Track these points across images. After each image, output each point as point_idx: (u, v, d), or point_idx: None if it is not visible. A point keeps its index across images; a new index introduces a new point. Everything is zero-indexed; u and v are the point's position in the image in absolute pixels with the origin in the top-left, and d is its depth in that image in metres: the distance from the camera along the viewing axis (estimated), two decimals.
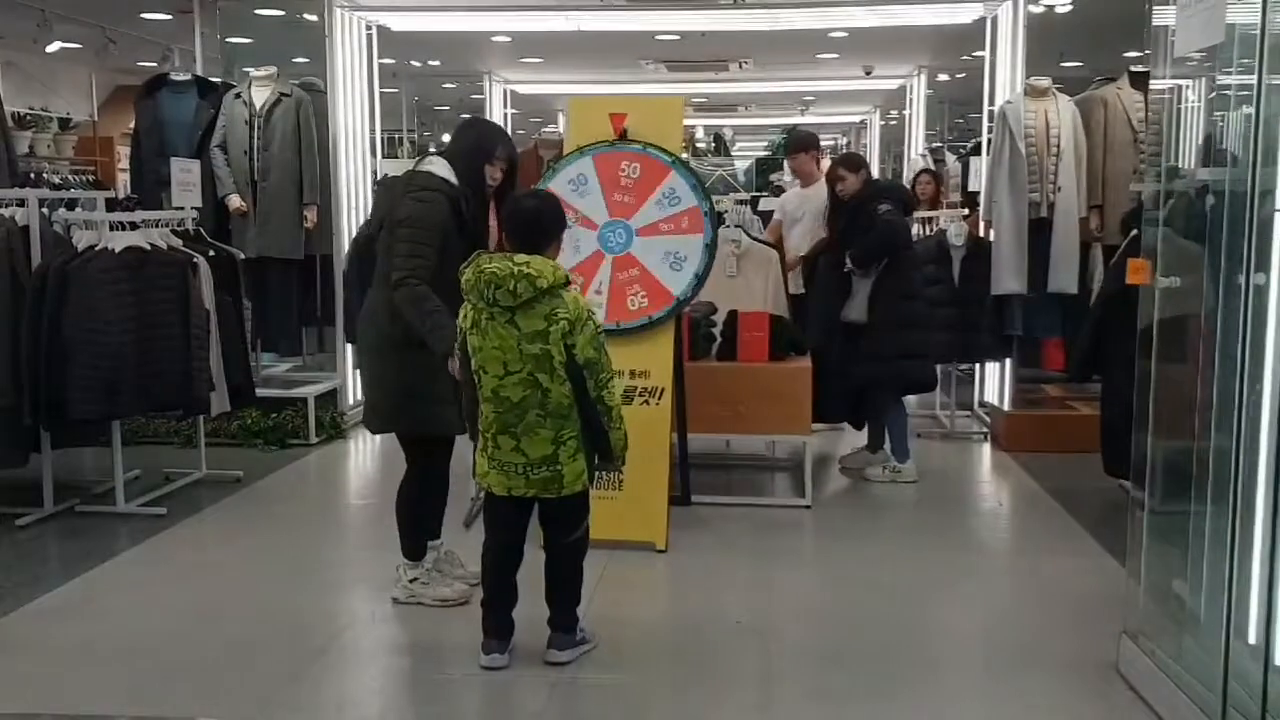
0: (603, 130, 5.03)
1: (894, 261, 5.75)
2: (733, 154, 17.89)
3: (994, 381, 7.15)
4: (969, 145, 9.90)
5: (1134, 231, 5.16)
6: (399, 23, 8.06)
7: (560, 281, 3.40)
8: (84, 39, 9.05)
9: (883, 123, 15.96)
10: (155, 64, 9.56)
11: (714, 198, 5.54)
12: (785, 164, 10.91)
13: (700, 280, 4.89)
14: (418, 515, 4.12)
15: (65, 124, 10.42)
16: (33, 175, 8.81)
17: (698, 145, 16.99)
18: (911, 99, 11.97)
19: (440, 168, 3.96)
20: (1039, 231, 6.62)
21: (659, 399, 4.86)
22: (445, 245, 3.81)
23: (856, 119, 17.45)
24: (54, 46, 8.71)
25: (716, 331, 5.74)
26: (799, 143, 7.00)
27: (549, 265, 3.40)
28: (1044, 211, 6.62)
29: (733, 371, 5.44)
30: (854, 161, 5.99)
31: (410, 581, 4.12)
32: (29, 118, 9.82)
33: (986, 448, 6.94)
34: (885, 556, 4.82)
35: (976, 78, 11.90)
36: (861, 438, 6.26)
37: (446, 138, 22.08)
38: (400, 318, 3.81)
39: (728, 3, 7.26)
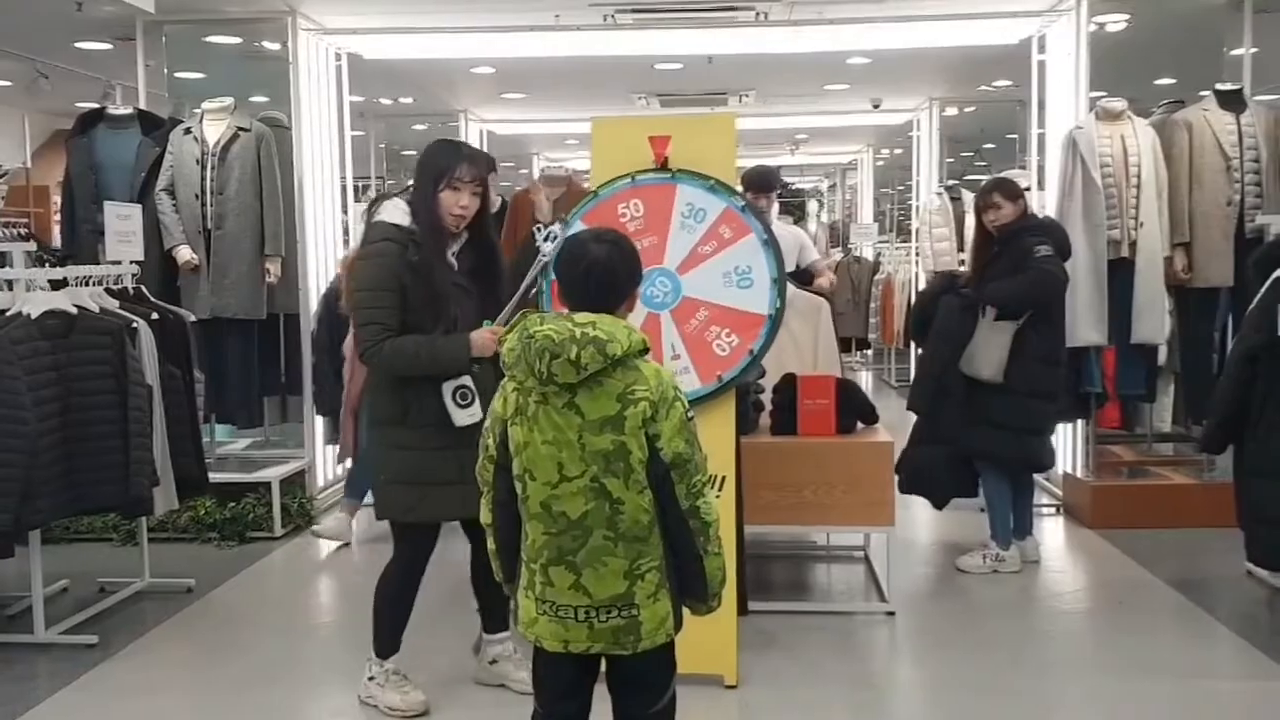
0: (636, 159, 4.08)
1: (1048, 316, 4.89)
2: None
3: (1067, 446, 6.25)
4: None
5: (1277, 273, 4.33)
6: (373, 49, 7.14)
7: (637, 348, 2.44)
8: (13, 74, 8.03)
9: (878, 162, 15.23)
10: (96, 103, 8.56)
11: None
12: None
13: (780, 286, 3.89)
14: (386, 606, 3.61)
15: None
16: None
17: None
18: (918, 135, 11.22)
19: (392, 212, 3.47)
20: (1117, 274, 5.78)
21: (719, 490, 3.87)
22: (405, 299, 3.37)
23: (846, 159, 16.74)
24: None
25: (765, 399, 4.80)
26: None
27: (621, 327, 2.44)
28: (1124, 251, 5.78)
29: (794, 449, 4.49)
30: (1012, 189, 5.06)
31: (369, 680, 3.64)
32: None
33: (1061, 523, 6.02)
34: (1011, 686, 3.83)
35: (987, 111, 11.34)
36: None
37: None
38: (378, 393, 3.53)
39: (748, 18, 6.39)
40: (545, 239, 3.59)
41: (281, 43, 6.60)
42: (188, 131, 6.03)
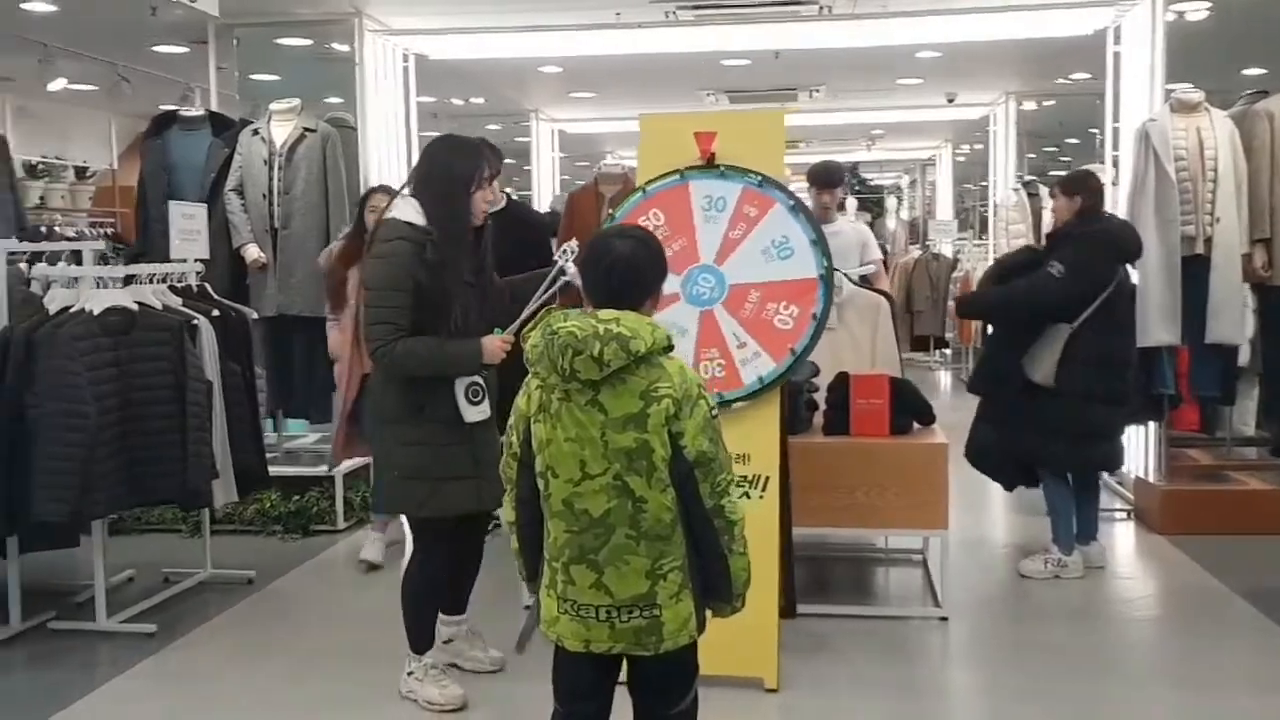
0: (681, 155, 4.06)
1: (1099, 318, 4.71)
2: None
3: (1139, 449, 6.05)
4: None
5: None
6: (438, 49, 7.21)
7: (661, 345, 2.41)
8: (97, 79, 8.29)
9: (955, 158, 14.95)
10: (176, 106, 8.81)
11: None
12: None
13: (821, 245, 3.89)
14: (415, 602, 3.68)
15: (82, 173, 9.66)
16: (43, 229, 8.06)
17: None
18: (995, 130, 10.99)
19: (405, 210, 3.45)
20: (1192, 271, 5.58)
21: (763, 490, 3.83)
22: (419, 299, 3.36)
23: (925, 154, 16.47)
24: (57, 85, 7.94)
25: (819, 398, 4.73)
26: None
27: (645, 324, 2.41)
28: (1199, 247, 5.57)
29: (845, 450, 4.41)
30: (1070, 185, 4.93)
31: (408, 675, 3.69)
32: (41, 167, 9.07)
33: (1131, 528, 5.83)
34: (1063, 694, 3.72)
35: (1066, 105, 11.06)
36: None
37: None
38: (386, 391, 3.49)
39: (811, 12, 6.31)
40: (566, 257, 3.61)
41: (350, 44, 6.71)
42: (255, 132, 6.15)
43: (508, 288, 3.68)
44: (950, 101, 10.46)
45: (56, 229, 8.51)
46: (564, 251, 3.64)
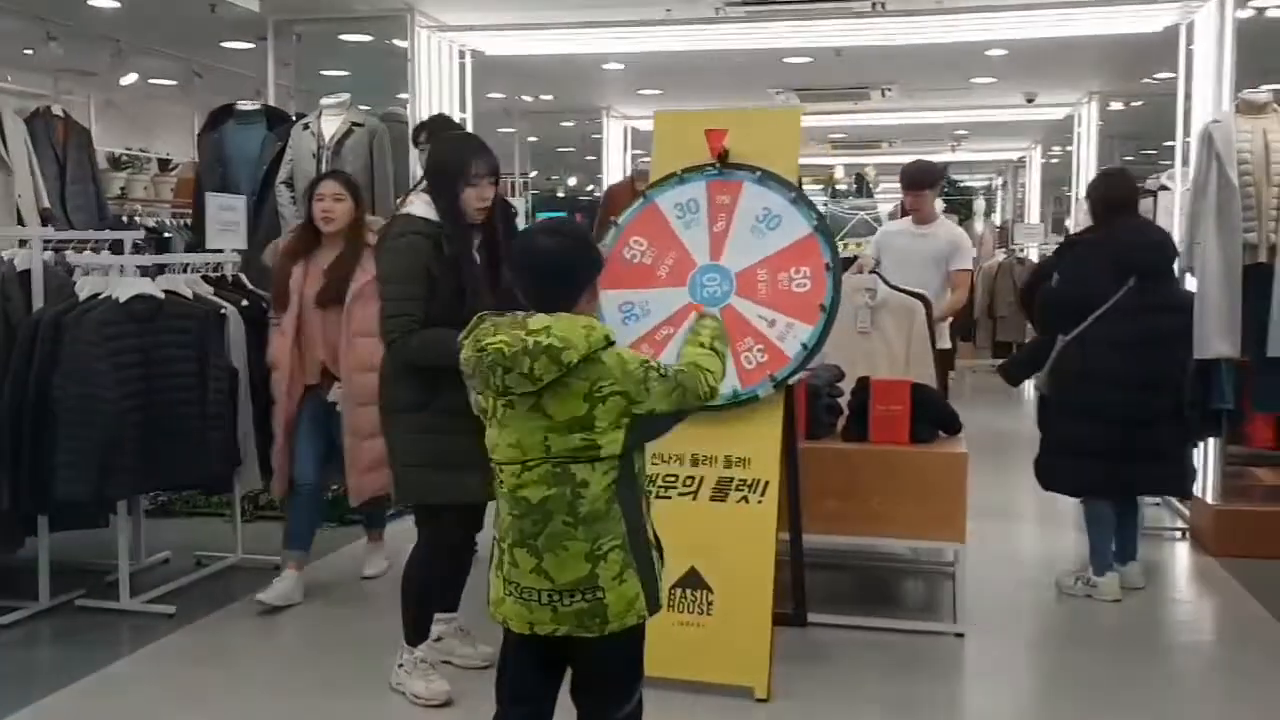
0: (696, 152, 4.00)
1: (1099, 331, 4.52)
2: (875, 195, 16.68)
3: (1196, 466, 5.75)
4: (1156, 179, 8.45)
5: None
6: (494, 45, 7.24)
7: (597, 346, 2.36)
8: (174, 74, 8.54)
9: (1044, 160, 14.52)
10: (236, 101, 9.04)
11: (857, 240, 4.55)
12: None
13: (803, 200, 3.89)
14: (417, 594, 3.67)
15: (165, 165, 9.97)
16: (125, 219, 8.34)
17: (838, 186, 15.88)
18: (1079, 131, 10.62)
19: (419, 205, 3.54)
20: (1255, 280, 5.29)
21: (762, 495, 3.75)
22: (434, 290, 3.41)
23: (1014, 156, 16.04)
24: (129, 79, 8.20)
25: (842, 403, 4.61)
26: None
27: (577, 328, 2.36)
28: (1262, 255, 5.27)
29: (862, 456, 4.29)
30: (1089, 190, 4.95)
31: (398, 667, 3.69)
32: (124, 158, 9.38)
33: (1184, 549, 5.57)
34: None
35: (1156, 106, 10.62)
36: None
37: (573, 181, 21.40)
38: (396, 383, 3.52)
39: (864, 7, 6.16)
40: None
41: (408, 41, 6.78)
42: (306, 127, 6.25)
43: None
44: (1030, 101, 10.15)
45: (137, 219, 8.80)
46: None
